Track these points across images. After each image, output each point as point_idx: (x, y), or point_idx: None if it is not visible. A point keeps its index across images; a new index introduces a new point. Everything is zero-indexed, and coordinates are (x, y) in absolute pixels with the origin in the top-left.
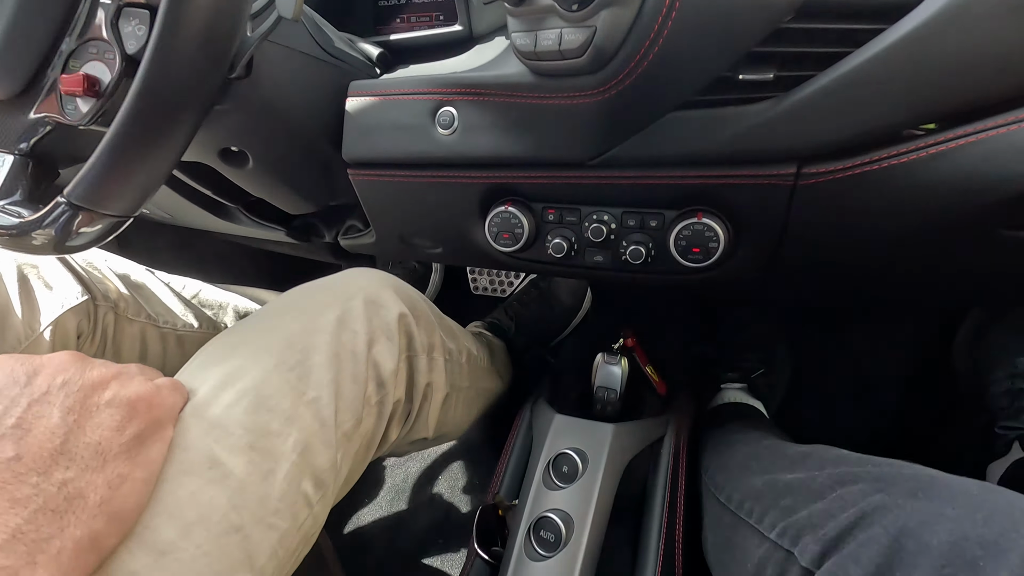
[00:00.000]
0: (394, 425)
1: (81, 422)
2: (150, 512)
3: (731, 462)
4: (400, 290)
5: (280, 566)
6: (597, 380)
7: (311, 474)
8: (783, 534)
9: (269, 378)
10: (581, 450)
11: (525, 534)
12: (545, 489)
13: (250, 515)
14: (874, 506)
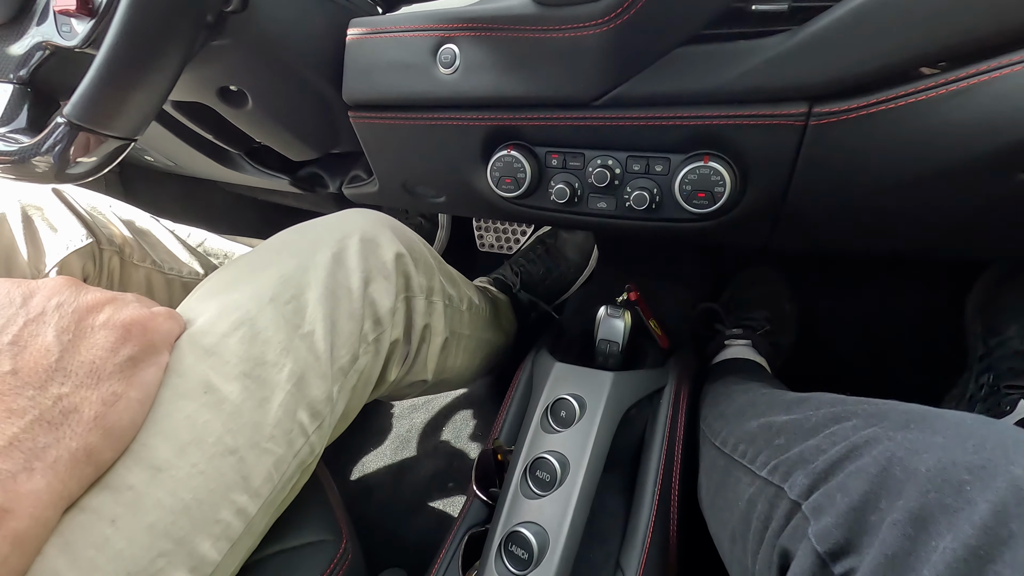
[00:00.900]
0: (393, 365)
1: (76, 342)
2: (146, 432)
3: (728, 410)
4: (397, 230)
5: (277, 491)
6: (599, 333)
7: (306, 405)
8: (774, 471)
9: (264, 311)
10: (579, 396)
11: (521, 474)
12: (542, 432)
13: (245, 439)
14: (865, 439)
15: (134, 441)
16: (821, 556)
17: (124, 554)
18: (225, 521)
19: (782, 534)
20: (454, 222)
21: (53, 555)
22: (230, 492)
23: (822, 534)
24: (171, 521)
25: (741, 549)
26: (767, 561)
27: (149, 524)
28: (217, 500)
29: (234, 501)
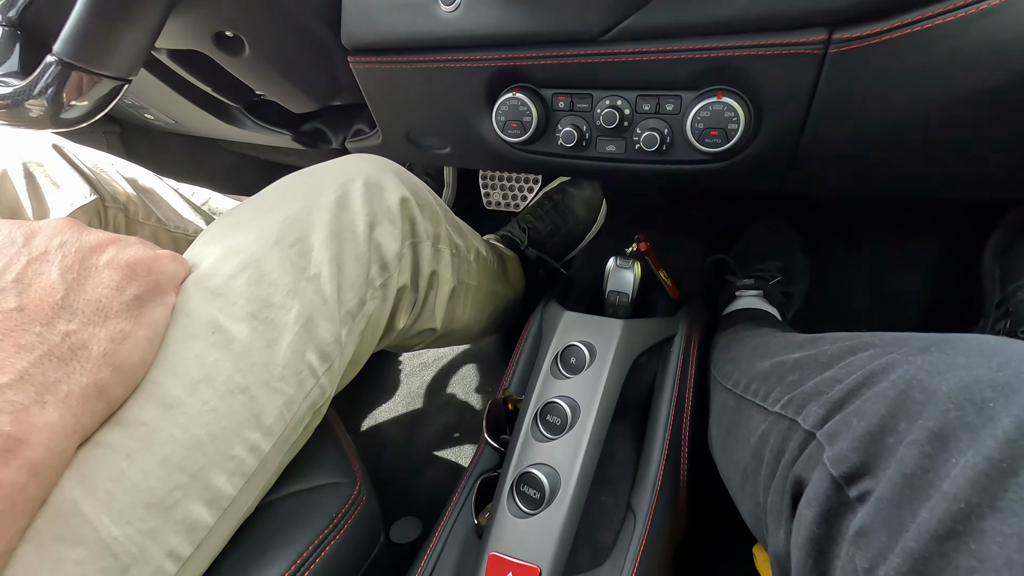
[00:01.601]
0: (401, 312)
1: (80, 281)
2: (156, 370)
3: (739, 353)
4: (402, 175)
5: (289, 430)
6: (609, 284)
7: (315, 346)
8: (787, 405)
9: (269, 253)
10: (589, 343)
11: (532, 418)
12: (552, 379)
13: (255, 378)
14: (883, 366)
15: (145, 379)
16: (836, 480)
17: (140, 486)
18: (239, 457)
19: (795, 464)
20: (460, 180)
21: (70, 487)
22: (242, 429)
23: (837, 458)
24: (185, 455)
25: (752, 485)
26: (780, 492)
27: (163, 458)
28: (230, 437)
29: (247, 438)
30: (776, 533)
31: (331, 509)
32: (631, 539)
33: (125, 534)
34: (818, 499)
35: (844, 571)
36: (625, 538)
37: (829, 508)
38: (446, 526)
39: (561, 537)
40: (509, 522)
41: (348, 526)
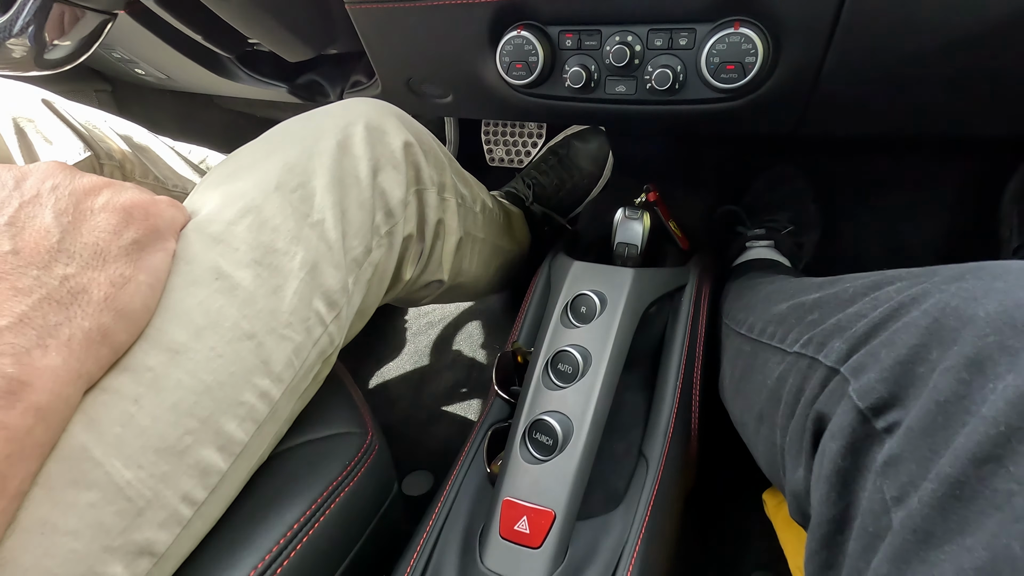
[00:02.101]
0: (407, 262)
1: (76, 224)
2: (160, 317)
3: (754, 300)
4: (404, 119)
5: (299, 378)
6: (617, 236)
7: (322, 294)
8: (807, 343)
9: (270, 199)
10: (600, 291)
11: (543, 367)
12: (563, 328)
13: (262, 325)
14: (913, 296)
15: (149, 326)
16: (862, 412)
17: (150, 431)
18: (249, 403)
19: (817, 401)
20: (462, 135)
21: (78, 432)
22: (251, 376)
23: (864, 390)
24: (194, 401)
25: (769, 427)
26: (800, 430)
27: (172, 403)
28: (239, 383)
29: (256, 385)
30: (795, 472)
31: (344, 457)
32: (644, 485)
33: (138, 478)
34: (843, 432)
35: (871, 501)
36: (638, 484)
37: (854, 441)
38: (458, 475)
39: (575, 482)
40: (522, 468)
41: (361, 474)
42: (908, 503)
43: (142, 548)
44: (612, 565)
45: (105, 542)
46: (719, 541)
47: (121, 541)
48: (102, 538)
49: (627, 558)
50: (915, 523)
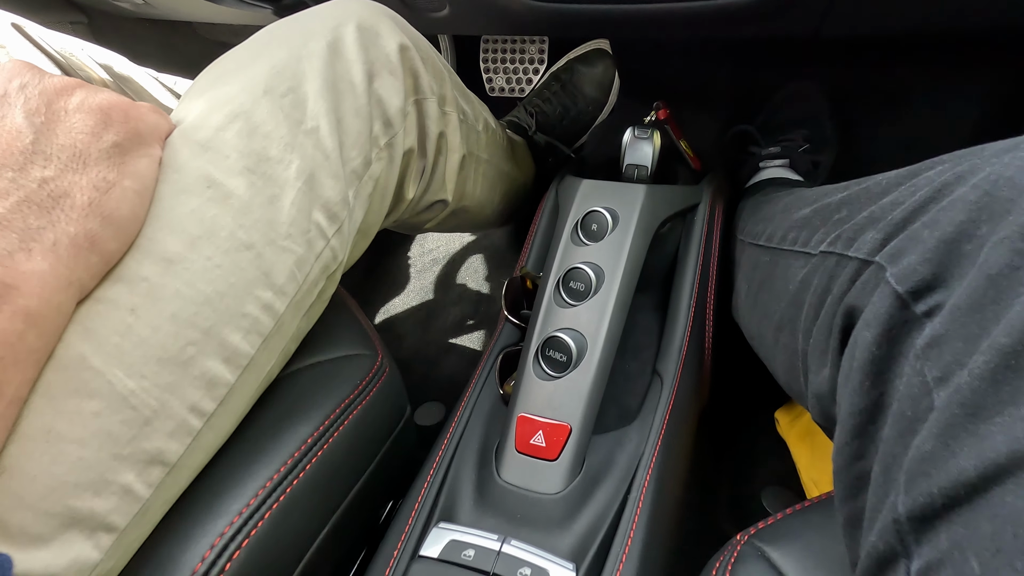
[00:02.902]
0: (410, 179)
1: (50, 125)
2: (151, 227)
3: (772, 211)
4: (399, 22)
5: (303, 293)
6: (626, 158)
7: (321, 205)
8: (834, 242)
9: (259, 104)
10: (611, 208)
11: (554, 286)
12: (573, 246)
13: (260, 235)
14: (959, 174)
15: (140, 236)
16: (901, 297)
17: (150, 341)
18: (252, 315)
19: (847, 296)
20: (460, 64)
21: (75, 342)
22: (252, 287)
23: (903, 274)
24: (194, 311)
25: (789, 334)
26: (825, 330)
27: (171, 313)
28: (240, 294)
29: (258, 297)
30: (818, 374)
31: (354, 378)
32: (658, 401)
33: (142, 387)
34: (879, 319)
35: (909, 386)
36: (652, 400)
37: (891, 327)
38: (471, 396)
39: (590, 396)
40: (536, 385)
41: (373, 394)
42: (954, 380)
43: (153, 457)
44: (629, 476)
45: (114, 450)
46: (731, 459)
47: (130, 450)
48: (110, 446)
49: (643, 469)
50: (963, 397)
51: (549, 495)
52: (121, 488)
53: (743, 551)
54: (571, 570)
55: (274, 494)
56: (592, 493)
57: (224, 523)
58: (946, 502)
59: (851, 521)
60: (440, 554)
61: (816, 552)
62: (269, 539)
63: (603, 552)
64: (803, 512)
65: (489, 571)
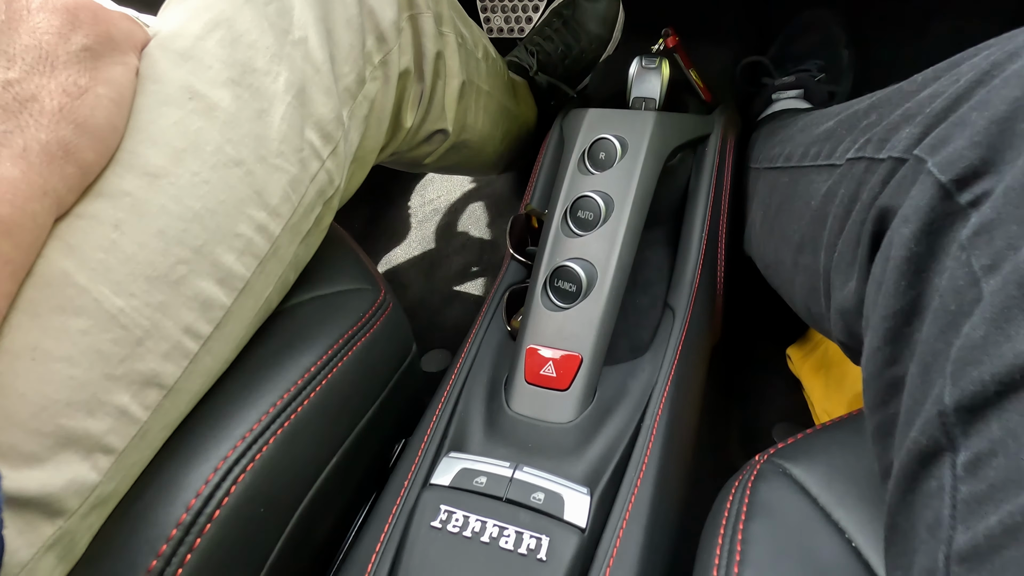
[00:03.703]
0: (407, 104)
1: (11, 24)
2: (131, 139)
3: (790, 132)
4: None
5: (299, 216)
6: (633, 91)
7: (314, 123)
8: (864, 147)
9: (241, 12)
10: (620, 136)
11: (561, 216)
12: (581, 176)
13: (249, 151)
14: (1010, 52)
15: (120, 150)
16: (944, 187)
17: (138, 258)
18: (246, 236)
19: (879, 198)
20: None
21: (57, 258)
22: (244, 207)
23: (948, 161)
24: (183, 229)
25: (810, 253)
26: (853, 240)
27: (158, 230)
28: (231, 212)
29: (251, 217)
30: (843, 288)
31: (357, 310)
32: (670, 333)
33: (131, 306)
34: (918, 214)
35: (953, 279)
36: (664, 332)
37: (932, 220)
38: (478, 333)
39: (601, 325)
40: (545, 316)
41: (377, 327)
42: (1008, 264)
43: (148, 379)
44: (642, 405)
45: (106, 370)
46: (741, 397)
47: (124, 370)
48: (101, 366)
49: (657, 398)
50: (1020, 277)
51: (561, 424)
52: (116, 409)
53: (763, 469)
54: (586, 494)
55: (278, 420)
56: (605, 422)
57: (227, 447)
58: (999, 389)
59: (882, 429)
60: (451, 482)
61: (841, 467)
62: (276, 464)
63: (617, 478)
64: (825, 430)
65: (502, 496)
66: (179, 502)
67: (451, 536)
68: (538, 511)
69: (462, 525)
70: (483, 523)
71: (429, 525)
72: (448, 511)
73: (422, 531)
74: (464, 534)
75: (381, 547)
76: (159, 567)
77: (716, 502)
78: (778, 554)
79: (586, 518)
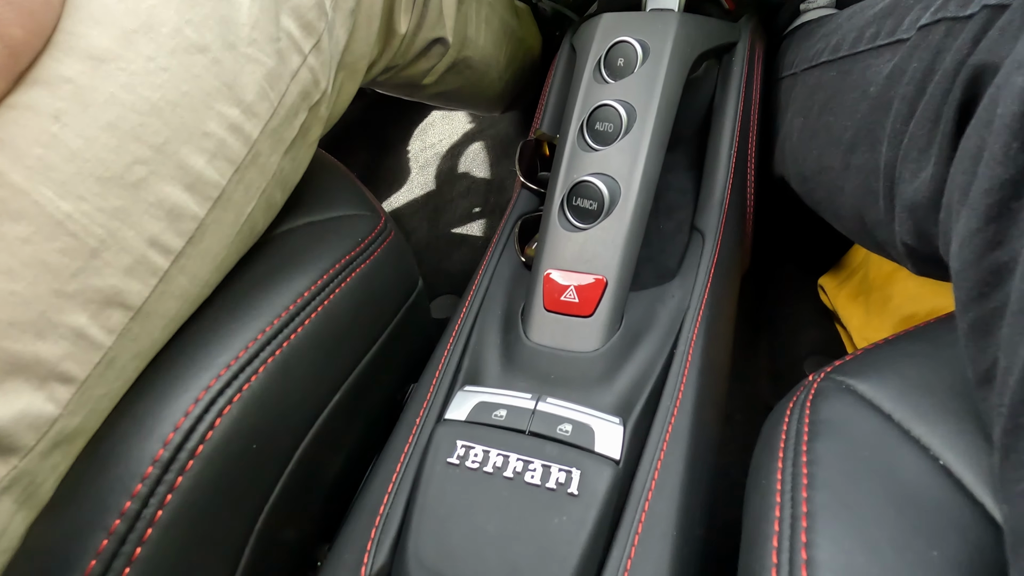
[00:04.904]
0: (400, 7)
1: None
2: (70, 19)
3: (833, 25)
4: None
5: (280, 118)
6: (649, 2)
7: (290, 9)
8: (940, 9)
9: None
10: (640, 38)
11: (577, 130)
12: (598, 86)
13: (214, 36)
14: None
15: (58, 31)
16: None
17: (84, 155)
18: (217, 136)
19: (969, 59)
20: None
21: None
22: (212, 100)
23: None
24: (138, 122)
25: (866, 151)
26: (930, 119)
27: (107, 123)
28: (197, 106)
29: (222, 113)
30: (915, 178)
31: (355, 236)
32: (700, 255)
33: (81, 211)
34: None
35: None
36: (693, 256)
37: None
38: (489, 265)
39: (626, 245)
40: (564, 238)
41: (378, 255)
42: None
43: (108, 297)
44: (674, 331)
45: (55, 286)
46: (770, 329)
47: (77, 286)
48: (49, 280)
49: (690, 323)
50: None
51: (586, 353)
52: (72, 332)
53: (822, 387)
54: (618, 424)
55: (268, 347)
56: (634, 349)
57: (210, 376)
58: None
59: (979, 326)
60: (468, 416)
61: (916, 380)
62: (268, 397)
63: (651, 407)
64: (890, 344)
65: (524, 430)
66: (155, 436)
67: (470, 472)
68: (566, 443)
69: (481, 460)
70: (505, 457)
71: (445, 462)
72: (465, 446)
73: (437, 468)
74: (485, 469)
75: (393, 487)
76: (134, 508)
77: (767, 427)
78: (853, 474)
79: (620, 449)
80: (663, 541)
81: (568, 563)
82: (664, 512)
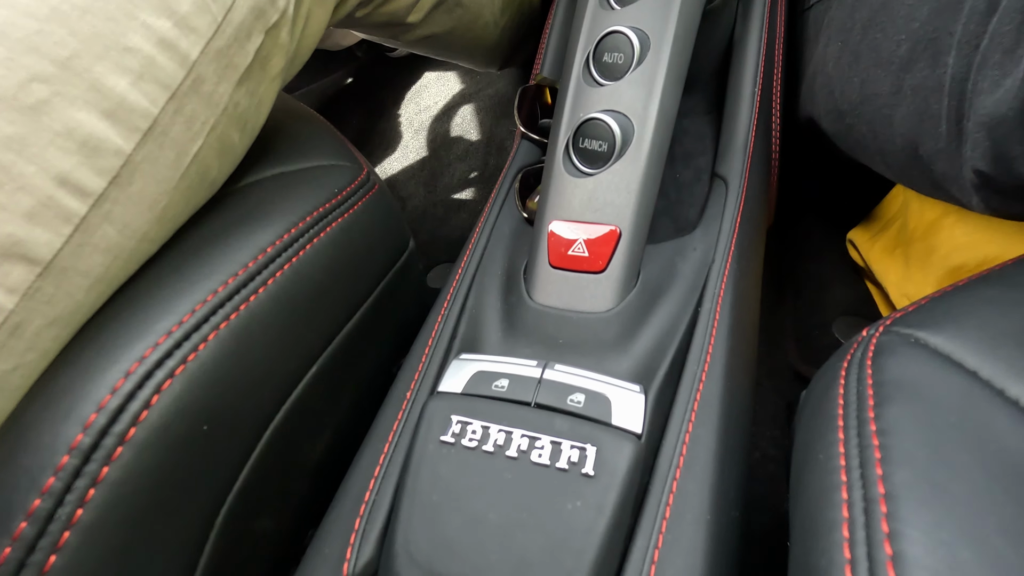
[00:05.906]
0: None
1: None
2: None
3: None
4: None
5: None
6: None
7: None
8: None
9: None
10: None
11: (583, 63)
12: (604, 12)
13: None
14: None
15: None
16: None
17: None
18: (144, 53)
19: None
20: None
21: None
22: (135, 8)
23: None
24: (35, 30)
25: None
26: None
27: None
28: (114, 14)
29: (148, 24)
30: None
31: (332, 186)
32: (724, 204)
33: None
34: None
35: None
36: (716, 205)
37: None
38: (487, 222)
39: (642, 190)
40: (571, 184)
41: (359, 207)
42: None
43: (6, 249)
44: (698, 286)
45: None
46: (795, 288)
47: None
48: None
49: (716, 278)
50: None
51: (599, 313)
52: None
53: (883, 342)
54: (639, 392)
55: (221, 310)
56: (654, 308)
57: (146, 345)
58: None
59: None
60: (464, 388)
61: (1005, 329)
62: (222, 369)
63: (675, 373)
64: (965, 288)
65: (530, 401)
66: (73, 418)
67: (466, 451)
68: (578, 415)
69: (480, 438)
70: (507, 434)
71: (438, 440)
72: (461, 422)
73: (429, 447)
74: (484, 448)
75: (380, 471)
76: (46, 507)
77: (815, 392)
78: (939, 446)
79: (642, 421)
80: (695, 527)
81: (585, 555)
82: (695, 492)
